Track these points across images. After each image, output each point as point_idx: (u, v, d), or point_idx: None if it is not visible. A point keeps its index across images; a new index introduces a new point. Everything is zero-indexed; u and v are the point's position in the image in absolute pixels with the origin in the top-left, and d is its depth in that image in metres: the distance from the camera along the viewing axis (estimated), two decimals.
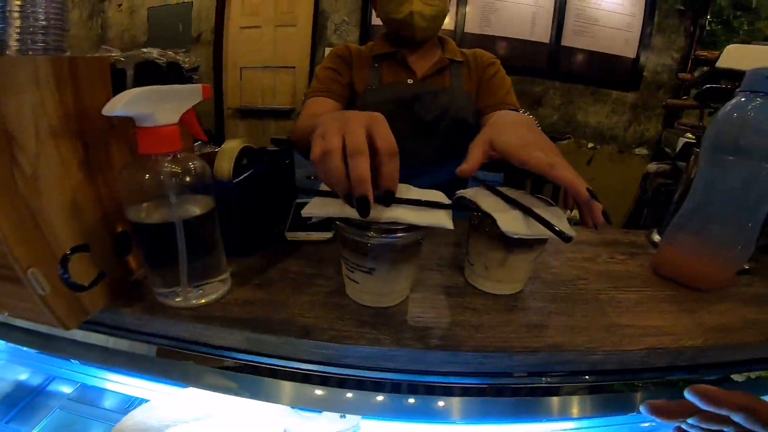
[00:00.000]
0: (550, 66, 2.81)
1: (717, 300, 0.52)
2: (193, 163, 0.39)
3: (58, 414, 0.69)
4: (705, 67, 2.29)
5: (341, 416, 0.64)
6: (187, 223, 0.39)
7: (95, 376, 0.74)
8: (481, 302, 0.48)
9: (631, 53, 2.83)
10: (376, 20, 2.79)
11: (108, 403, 0.72)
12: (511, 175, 2.37)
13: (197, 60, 3.00)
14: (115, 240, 0.43)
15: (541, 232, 0.42)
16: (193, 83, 0.48)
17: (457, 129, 0.93)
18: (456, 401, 0.45)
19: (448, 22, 2.77)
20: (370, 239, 0.39)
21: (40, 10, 0.39)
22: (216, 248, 0.45)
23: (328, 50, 2.88)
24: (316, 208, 0.41)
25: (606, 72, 2.84)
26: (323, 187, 0.42)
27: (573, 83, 2.81)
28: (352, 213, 0.37)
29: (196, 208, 0.41)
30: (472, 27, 2.81)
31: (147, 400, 0.69)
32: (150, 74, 0.44)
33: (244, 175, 0.53)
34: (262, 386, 0.46)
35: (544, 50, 2.82)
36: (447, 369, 0.41)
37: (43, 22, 0.39)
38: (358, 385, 0.44)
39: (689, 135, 1.85)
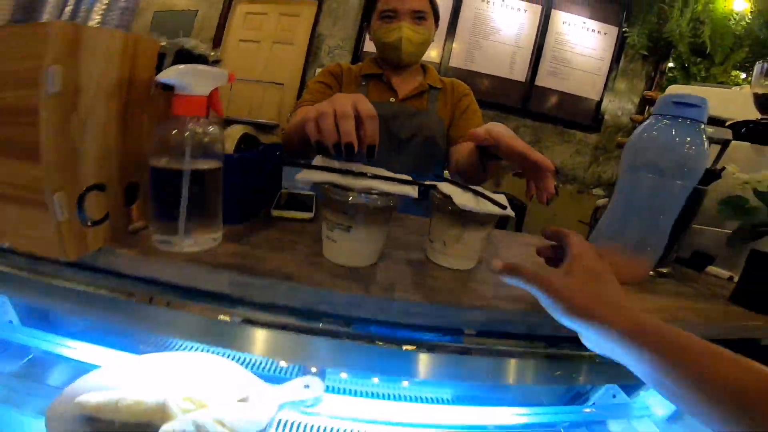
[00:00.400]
0: (523, 104, 3.04)
1: (635, 291, 0.63)
2: (211, 128, 0.47)
3: None
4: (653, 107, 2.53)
5: (305, 386, 0.68)
6: (194, 174, 0.46)
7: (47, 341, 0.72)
8: (439, 273, 0.56)
9: (596, 96, 3.08)
10: (367, 47, 2.99)
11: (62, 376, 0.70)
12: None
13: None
14: (126, 189, 0.49)
15: (488, 208, 0.52)
16: None
17: (426, 148, 1.05)
18: (419, 356, 0.51)
19: (435, 56, 2.96)
20: (350, 199, 0.47)
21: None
22: (214, 206, 0.51)
23: (319, 70, 3.01)
24: (308, 175, 0.50)
25: (573, 113, 3.07)
26: (315, 161, 0.52)
27: (543, 122, 3.03)
28: (337, 179, 0.47)
29: (204, 165, 0.47)
30: (456, 62, 3.02)
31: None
32: (184, 60, 0.53)
33: (242, 154, 0.60)
34: (240, 335, 0.51)
35: (520, 89, 3.04)
36: (407, 321, 0.48)
37: (123, 3, 0.47)
38: (329, 335, 0.50)
39: None
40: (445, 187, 0.55)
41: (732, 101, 1.52)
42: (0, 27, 0.49)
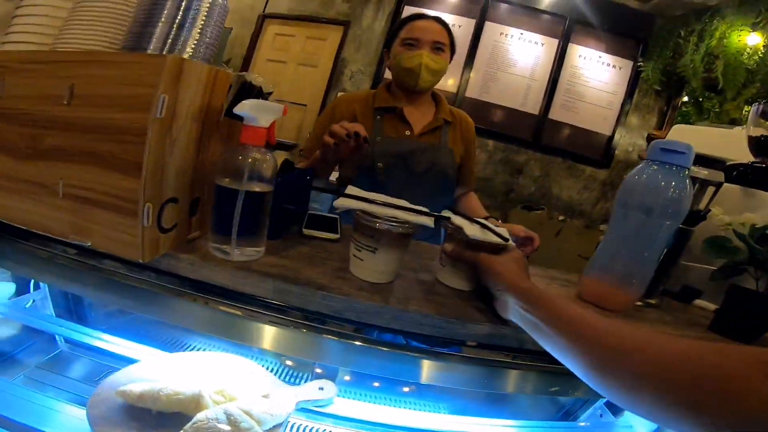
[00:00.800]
0: (534, 137, 3.07)
1: (620, 317, 0.70)
2: (269, 156, 0.58)
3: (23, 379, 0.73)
4: None
5: (320, 388, 0.76)
6: (250, 195, 0.56)
7: (83, 333, 0.79)
8: (447, 291, 0.65)
9: (608, 130, 3.09)
10: (388, 74, 3.09)
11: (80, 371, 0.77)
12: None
13: None
14: (191, 203, 0.59)
15: (493, 239, 0.61)
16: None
17: (439, 180, 1.13)
18: (424, 362, 0.60)
19: (452, 84, 3.06)
20: (378, 225, 0.57)
21: (211, 30, 0.59)
22: (261, 223, 0.60)
23: (340, 94, 3.12)
24: (344, 202, 0.60)
25: (584, 147, 3.09)
26: (348, 191, 0.62)
27: (553, 156, 3.07)
28: (367, 207, 0.57)
29: (258, 188, 0.57)
30: (472, 92, 3.10)
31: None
32: (246, 90, 0.63)
33: (283, 177, 0.70)
34: (271, 336, 0.59)
35: (533, 121, 3.07)
36: (418, 330, 0.57)
37: (209, 39, 0.59)
38: (351, 338, 0.58)
39: None
40: (457, 219, 0.65)
41: (737, 141, 1.56)
42: (120, 53, 0.60)
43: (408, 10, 3.11)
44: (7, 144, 0.56)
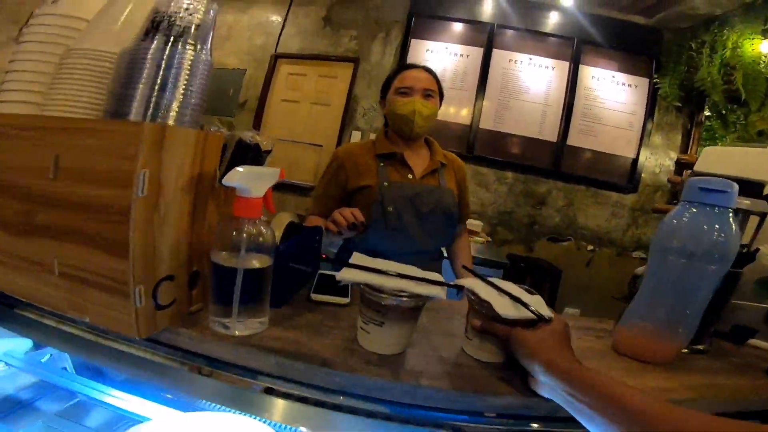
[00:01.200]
0: (555, 165, 2.96)
1: (662, 370, 0.64)
2: (265, 229, 0.55)
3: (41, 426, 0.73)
4: (689, 170, 2.40)
5: None
6: (247, 272, 0.53)
7: (97, 390, 0.77)
8: (465, 360, 0.59)
9: (631, 153, 2.94)
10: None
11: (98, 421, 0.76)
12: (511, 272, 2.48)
13: (239, 125, 3.33)
14: (190, 277, 0.57)
15: (528, 315, 0.54)
16: (266, 162, 0.66)
17: (444, 218, 1.21)
18: None
19: (466, 116, 3.02)
20: (384, 299, 0.53)
21: (195, 90, 0.56)
22: (263, 295, 0.58)
23: (355, 133, 3.14)
24: (347, 274, 0.56)
25: (607, 173, 2.95)
26: (353, 260, 0.59)
27: (576, 184, 2.96)
28: (373, 280, 0.53)
29: (256, 262, 0.55)
30: (486, 123, 3.03)
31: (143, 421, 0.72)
32: (241, 151, 0.61)
33: (288, 242, 0.68)
34: (279, 408, 0.55)
35: (551, 149, 2.97)
36: (431, 404, 0.51)
37: (194, 101, 0.56)
38: (359, 414, 0.53)
39: None
40: (482, 290, 0.58)
41: None
42: (100, 121, 0.57)
43: (414, 44, 3.15)
44: (3, 218, 0.56)
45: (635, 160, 2.93)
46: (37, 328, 0.63)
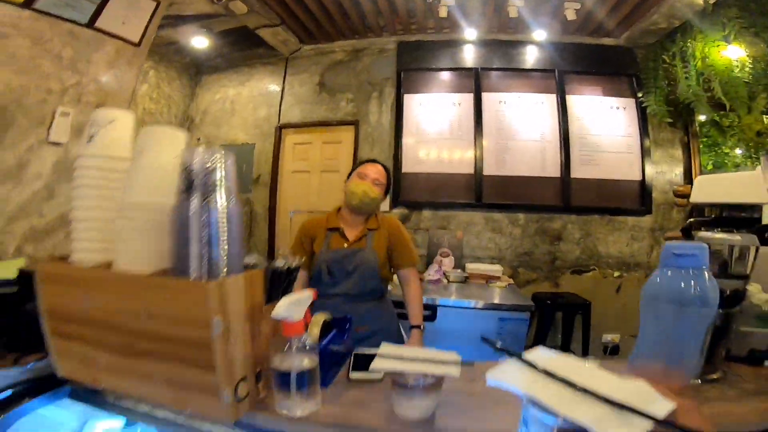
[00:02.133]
0: (564, 200, 2.97)
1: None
2: (307, 340, 0.71)
3: None
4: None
5: None
6: (300, 373, 0.69)
7: None
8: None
9: (637, 175, 2.95)
10: (405, 167, 3.18)
11: None
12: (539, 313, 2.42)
13: (256, 201, 3.48)
14: (256, 375, 0.73)
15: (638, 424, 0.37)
16: (295, 278, 0.85)
17: (365, 274, 1.56)
18: None
19: (468, 164, 3.09)
20: (409, 381, 0.69)
21: (234, 237, 0.69)
22: (314, 384, 0.73)
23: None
24: (379, 364, 0.73)
25: (617, 199, 2.94)
26: (381, 350, 0.76)
27: (588, 215, 2.96)
28: (401, 367, 0.70)
29: (305, 362, 0.70)
30: (489, 169, 3.09)
31: None
32: (276, 277, 0.76)
33: (327, 340, 0.85)
34: None
35: (557, 184, 2.99)
36: None
37: (235, 250, 0.69)
38: None
39: None
40: (550, 397, 0.40)
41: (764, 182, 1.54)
42: (172, 281, 0.69)
43: (408, 99, 3.27)
44: (110, 344, 0.74)
45: (642, 182, 2.93)
46: (133, 412, 0.78)
